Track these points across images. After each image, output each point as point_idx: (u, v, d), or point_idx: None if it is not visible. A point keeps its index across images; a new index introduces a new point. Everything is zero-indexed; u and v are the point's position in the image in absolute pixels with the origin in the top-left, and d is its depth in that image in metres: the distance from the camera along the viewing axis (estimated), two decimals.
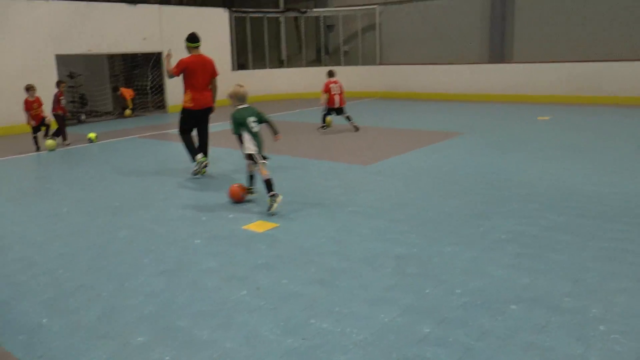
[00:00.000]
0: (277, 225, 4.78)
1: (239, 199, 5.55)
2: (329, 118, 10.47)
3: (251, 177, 5.68)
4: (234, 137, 5.54)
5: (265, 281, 3.62)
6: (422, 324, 2.97)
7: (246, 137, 5.33)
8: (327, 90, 10.17)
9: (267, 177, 5.15)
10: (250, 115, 5.37)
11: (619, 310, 3.04)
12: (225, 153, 8.41)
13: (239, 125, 5.35)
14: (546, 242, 4.10)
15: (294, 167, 7.19)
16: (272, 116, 6.17)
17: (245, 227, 4.78)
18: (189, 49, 7.05)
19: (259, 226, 4.78)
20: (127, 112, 14.81)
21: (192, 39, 7.05)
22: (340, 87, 10.31)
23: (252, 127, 5.33)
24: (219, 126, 9.85)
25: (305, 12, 19.36)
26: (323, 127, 10.41)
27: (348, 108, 10.59)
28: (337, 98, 10.18)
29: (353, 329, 2.94)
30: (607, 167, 6.58)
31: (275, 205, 5.07)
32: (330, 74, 10.42)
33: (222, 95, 6.68)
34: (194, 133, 7.14)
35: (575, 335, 2.79)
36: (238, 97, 5.44)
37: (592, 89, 13.84)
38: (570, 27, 15.28)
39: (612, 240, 4.10)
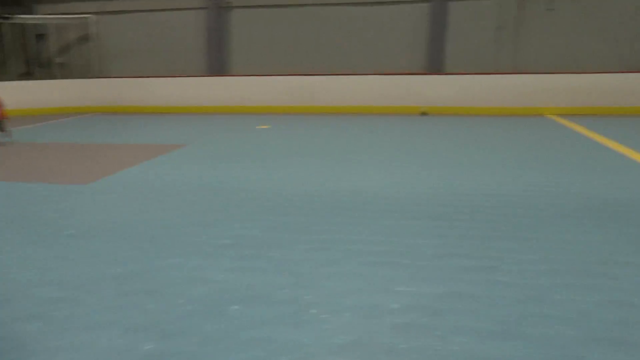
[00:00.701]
0: None
1: None
2: None
3: None
4: None
5: None
6: (145, 341, 2.86)
7: None
8: None
9: None
10: None
11: (327, 292, 3.38)
12: None
13: None
14: (266, 242, 4.35)
15: None
16: None
17: None
18: None
19: None
20: None
21: None
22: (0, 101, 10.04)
23: None
24: None
25: (8, 18, 17.22)
26: None
27: (61, 125, 9.76)
28: None
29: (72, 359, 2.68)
30: (318, 168, 7.32)
31: None
32: None
33: None
34: None
35: (292, 323, 3.01)
36: None
37: (307, 99, 15.30)
38: (286, 42, 16.66)
39: (323, 232, 4.54)
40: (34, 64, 18.45)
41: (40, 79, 17.09)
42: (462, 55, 16.41)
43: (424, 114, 14.52)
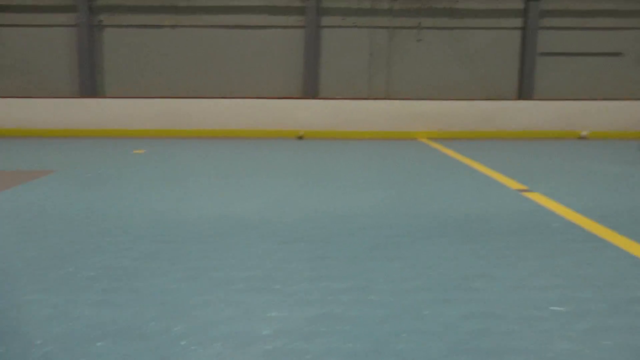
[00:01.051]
0: None
1: None
2: None
3: None
4: None
5: None
6: None
7: None
8: None
9: None
10: None
11: (197, 322, 3.34)
12: None
13: None
14: (135, 272, 4.21)
15: None
16: None
17: None
18: None
19: None
20: None
21: None
22: None
23: None
24: None
25: None
26: None
27: None
28: None
29: None
30: (191, 193, 7.22)
31: None
32: None
33: None
34: None
35: (161, 356, 2.93)
36: None
37: (183, 123, 15.05)
38: (162, 64, 16.33)
39: (194, 260, 4.49)
40: None
41: None
42: (337, 81, 17.07)
43: (300, 138, 14.85)
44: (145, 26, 16.55)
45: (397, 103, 15.78)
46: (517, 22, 17.00)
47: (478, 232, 5.38)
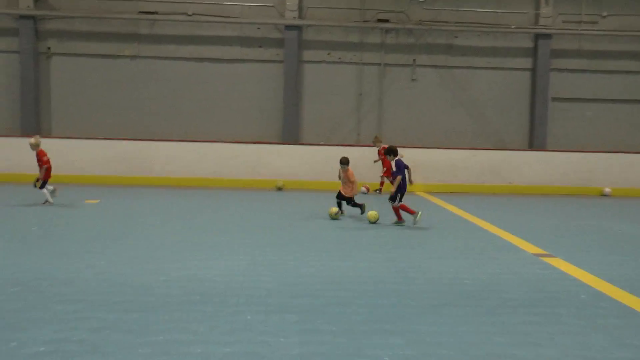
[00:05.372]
0: None
1: None
2: None
3: None
4: None
5: None
6: None
7: None
8: None
9: None
10: None
11: None
12: None
13: None
14: (94, 347, 4.11)
15: None
16: None
17: None
18: None
19: None
20: None
21: None
22: None
23: None
24: None
25: None
26: None
27: None
28: None
29: None
30: (153, 252, 7.14)
31: None
32: None
33: None
34: None
35: None
36: None
37: (144, 168, 15.04)
38: (120, 100, 16.45)
39: (163, 332, 4.40)
40: None
41: None
42: (321, 124, 17.20)
43: (279, 189, 14.89)
44: (101, 55, 16.66)
45: None
46: (526, 62, 17.51)
47: (495, 303, 5.38)
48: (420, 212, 9.39)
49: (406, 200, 9.76)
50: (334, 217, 10.12)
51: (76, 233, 8.33)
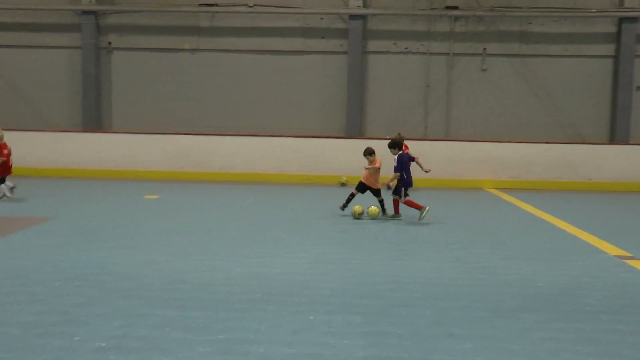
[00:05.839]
0: None
1: None
2: None
3: None
4: None
5: None
6: None
7: None
8: None
9: None
10: None
11: None
12: None
13: None
14: (156, 344, 4.19)
15: None
16: None
17: None
18: None
19: None
20: None
21: None
22: None
23: None
24: None
25: None
26: None
27: None
28: None
29: None
30: (213, 249, 7.24)
31: None
32: None
33: None
34: None
35: None
36: None
37: (204, 164, 15.29)
38: (180, 95, 16.77)
39: (225, 331, 4.45)
40: None
41: None
42: (386, 118, 17.05)
43: (343, 184, 14.86)
44: (161, 49, 17.04)
45: (458, 145, 15.72)
46: (608, 48, 16.87)
47: (572, 308, 5.21)
48: (427, 207, 9.31)
49: (472, 198, 9.56)
50: (356, 217, 9.79)
51: (135, 229, 8.53)
